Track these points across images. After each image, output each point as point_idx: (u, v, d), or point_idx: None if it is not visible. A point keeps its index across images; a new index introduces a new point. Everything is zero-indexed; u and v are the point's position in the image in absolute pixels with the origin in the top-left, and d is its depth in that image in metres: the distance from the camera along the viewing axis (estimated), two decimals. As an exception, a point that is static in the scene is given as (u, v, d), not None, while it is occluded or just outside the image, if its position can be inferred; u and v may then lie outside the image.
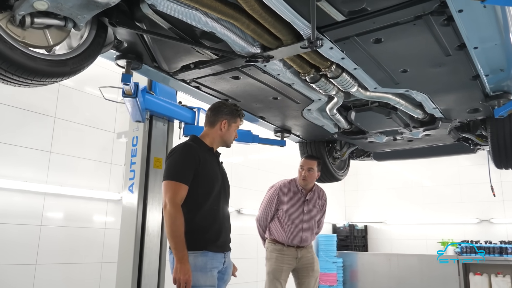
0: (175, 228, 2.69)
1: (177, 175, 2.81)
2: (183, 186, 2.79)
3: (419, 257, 9.26)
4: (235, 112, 3.11)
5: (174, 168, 2.84)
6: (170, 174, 2.82)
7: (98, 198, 5.20)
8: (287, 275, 4.50)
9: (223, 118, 3.07)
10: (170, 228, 2.70)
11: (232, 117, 3.09)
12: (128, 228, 3.80)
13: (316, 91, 3.45)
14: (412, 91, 3.37)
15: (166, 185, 2.80)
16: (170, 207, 2.72)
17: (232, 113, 3.10)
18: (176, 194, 2.76)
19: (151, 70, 3.07)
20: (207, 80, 3.25)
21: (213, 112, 3.10)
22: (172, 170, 2.84)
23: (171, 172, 2.83)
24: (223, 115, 3.07)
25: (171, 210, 2.71)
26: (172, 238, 2.69)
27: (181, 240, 2.70)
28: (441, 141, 4.79)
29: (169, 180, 2.80)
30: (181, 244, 2.69)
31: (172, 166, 2.86)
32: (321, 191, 4.83)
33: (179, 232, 2.70)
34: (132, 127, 4.02)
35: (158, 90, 4.04)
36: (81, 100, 5.29)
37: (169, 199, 2.74)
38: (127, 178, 3.91)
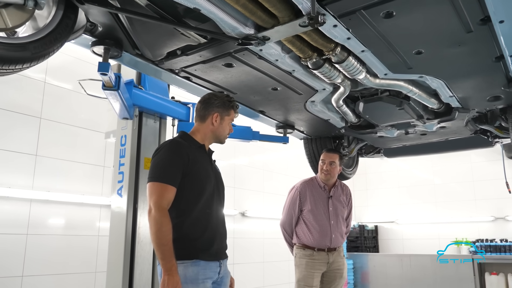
0: (161, 236, 2.38)
1: (163, 175, 2.49)
2: (170, 188, 2.47)
3: (432, 257, 8.91)
4: (228, 104, 2.78)
5: (159, 168, 2.53)
6: (155, 174, 2.51)
7: (90, 203, 4.88)
8: (318, 280, 4.18)
9: (214, 111, 2.74)
10: (156, 235, 2.39)
11: (224, 109, 2.77)
12: (117, 235, 3.47)
13: (320, 79, 3.12)
14: (427, 76, 3.02)
15: (151, 188, 2.48)
16: (155, 212, 2.41)
17: (224, 105, 2.77)
18: (162, 197, 2.44)
19: (133, 59, 2.74)
20: (198, 69, 2.92)
21: (203, 105, 2.77)
22: (157, 171, 2.52)
23: (156, 172, 2.52)
24: (214, 107, 2.74)
25: (156, 215, 2.40)
26: (158, 247, 2.38)
27: (169, 248, 2.39)
28: (457, 134, 4.43)
29: (154, 181, 2.48)
30: (169, 253, 2.38)
31: (157, 166, 2.54)
32: (344, 186, 4.52)
33: (166, 239, 2.38)
34: (120, 126, 3.70)
35: (148, 84, 3.72)
36: (70, 99, 4.96)
37: (154, 203, 2.42)
38: (115, 181, 3.59)
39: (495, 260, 8.35)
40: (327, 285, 4.21)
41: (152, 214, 2.41)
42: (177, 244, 2.48)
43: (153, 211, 2.41)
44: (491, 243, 8.62)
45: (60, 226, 4.70)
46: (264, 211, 7.83)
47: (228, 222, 6.88)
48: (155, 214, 2.40)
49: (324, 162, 4.30)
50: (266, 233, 7.77)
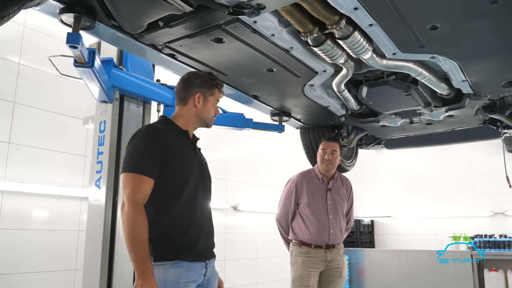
0: (135, 235, 2.06)
1: (139, 165, 2.17)
2: (146, 179, 2.15)
3: (429, 253, 8.67)
4: (210, 82, 2.44)
5: (134, 157, 2.21)
6: (130, 164, 2.19)
7: (70, 196, 4.51)
8: (316, 280, 3.88)
9: (196, 91, 2.41)
10: (129, 234, 2.07)
11: (207, 88, 2.43)
12: (95, 231, 3.15)
13: (321, 59, 2.80)
14: (439, 57, 2.72)
15: (125, 179, 2.16)
16: (128, 208, 2.09)
17: (207, 83, 2.43)
18: (137, 190, 2.12)
19: (108, 31, 2.41)
20: (183, 45, 2.59)
21: (183, 85, 2.43)
22: (132, 160, 2.20)
23: (130, 162, 2.20)
24: (195, 87, 2.41)
25: (129, 211, 2.08)
26: (131, 247, 2.07)
27: (143, 249, 2.08)
28: (465, 124, 4.13)
29: (128, 172, 2.16)
30: (143, 254, 2.07)
31: (132, 155, 2.22)
32: (344, 179, 4.22)
33: (140, 239, 2.07)
34: (99, 110, 3.36)
35: (130, 65, 3.38)
36: (48, 83, 4.59)
37: (128, 197, 2.11)
38: (93, 171, 3.26)
39: (494, 256, 8.12)
40: (325, 285, 3.92)
41: (125, 210, 2.09)
42: (155, 243, 2.20)
43: (126, 206, 2.10)
44: (490, 239, 8.40)
45: (35, 220, 4.34)
46: (257, 204, 7.52)
47: (219, 216, 6.56)
48: (128, 210, 2.08)
49: (325, 151, 3.99)
50: (259, 227, 7.47)
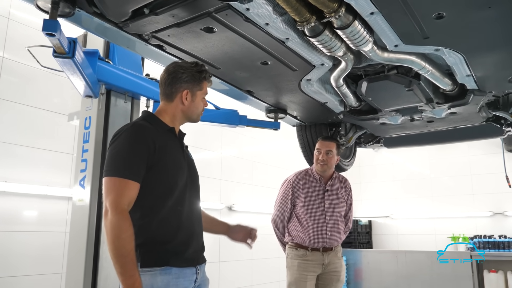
0: (120, 245, 1.88)
1: (123, 168, 1.99)
2: (131, 184, 1.97)
3: (428, 254, 8.53)
4: (198, 76, 2.24)
5: (118, 159, 2.02)
6: (113, 167, 2.00)
7: (56, 196, 4.32)
8: (313, 284, 3.72)
9: (183, 87, 2.21)
10: (113, 245, 1.88)
11: (195, 83, 2.24)
12: (79, 233, 2.98)
13: (318, 51, 2.64)
14: (444, 49, 2.55)
15: (107, 184, 1.97)
16: (112, 215, 1.90)
17: (194, 78, 2.23)
18: (121, 195, 1.94)
19: (90, 19, 2.24)
20: (172, 35, 2.42)
21: (168, 80, 2.23)
22: (115, 162, 2.02)
23: (113, 164, 2.01)
24: (182, 83, 2.21)
25: (113, 219, 1.90)
26: (116, 259, 1.88)
27: (129, 260, 1.89)
28: (468, 122, 3.97)
29: (111, 176, 1.98)
30: (130, 266, 1.89)
31: (116, 156, 2.04)
32: (343, 179, 4.06)
33: (125, 249, 1.88)
34: (85, 106, 3.19)
35: (118, 58, 3.21)
36: (33, 78, 4.40)
37: (111, 203, 1.92)
38: (78, 170, 3.09)
39: (494, 257, 7.99)
40: (322, 289, 3.76)
41: (109, 218, 1.90)
42: (143, 248, 2.02)
43: (110, 213, 1.91)
44: (490, 239, 8.29)
45: (20, 221, 4.14)
46: (253, 204, 7.35)
47: (214, 216, 6.35)
48: (112, 218, 1.90)
49: (319, 151, 3.84)
50: (256, 228, 7.29)
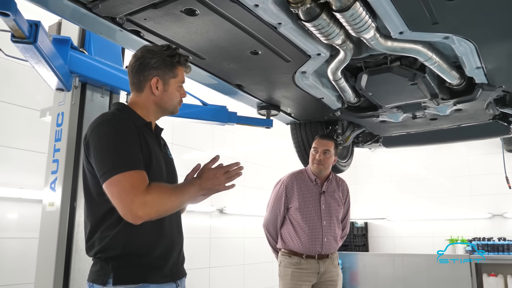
0: (171, 201, 1.76)
1: (128, 160, 1.71)
2: (142, 173, 1.72)
3: (426, 257, 8.35)
4: (169, 60, 1.93)
5: (116, 153, 1.72)
6: (112, 166, 1.69)
7: (31, 199, 3.99)
8: None
9: (152, 74, 1.91)
10: (170, 205, 1.77)
11: (166, 69, 1.93)
12: (49, 241, 2.69)
13: (314, 39, 2.37)
14: (454, 37, 2.30)
15: (120, 182, 1.67)
16: (142, 201, 1.66)
17: (165, 63, 1.92)
18: (141, 183, 1.69)
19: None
20: (149, 19, 2.14)
21: (136, 67, 1.93)
22: (116, 156, 1.71)
23: (116, 158, 1.70)
24: (150, 69, 1.90)
25: (148, 199, 1.68)
26: (180, 204, 1.82)
27: (178, 190, 1.81)
28: (473, 119, 3.72)
29: (114, 175, 1.67)
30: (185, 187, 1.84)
31: (112, 149, 1.73)
32: (340, 180, 3.81)
33: (175, 196, 1.77)
34: (57, 100, 2.90)
35: (94, 47, 2.93)
36: (5, 71, 4.08)
37: (134, 195, 1.65)
38: (48, 172, 2.80)
39: (494, 260, 7.81)
40: (318, 300, 3.49)
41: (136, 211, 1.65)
42: (117, 262, 1.75)
43: (136, 204, 1.65)
44: (489, 242, 8.13)
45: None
46: (245, 207, 7.07)
47: (204, 219, 6.05)
48: (147, 200, 1.67)
49: (316, 150, 3.57)
50: (248, 231, 7.02)
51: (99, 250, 1.77)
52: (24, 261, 3.94)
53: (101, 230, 1.77)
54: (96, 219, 1.80)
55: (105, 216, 1.75)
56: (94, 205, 1.82)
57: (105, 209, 1.74)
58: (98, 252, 1.78)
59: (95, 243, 1.79)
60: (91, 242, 1.81)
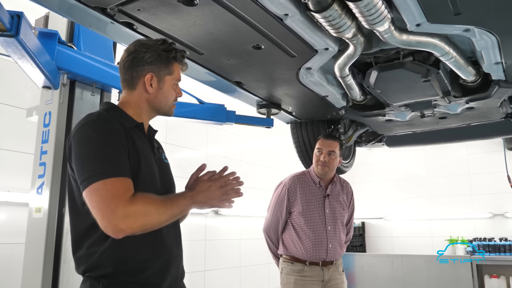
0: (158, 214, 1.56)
1: (108, 166, 1.51)
2: (127, 181, 1.53)
3: (426, 258, 8.21)
4: (165, 55, 1.75)
5: (100, 157, 1.54)
6: (99, 169, 1.51)
7: (18, 202, 3.75)
8: None
9: (145, 70, 1.73)
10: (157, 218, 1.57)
11: (161, 65, 1.75)
12: (35, 250, 2.48)
13: (323, 32, 2.17)
14: (476, 29, 2.11)
15: (100, 190, 1.48)
16: (125, 213, 1.47)
17: (161, 58, 1.75)
18: (120, 196, 1.48)
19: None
20: (142, 9, 1.94)
21: (128, 62, 1.75)
22: (98, 162, 1.53)
23: (99, 165, 1.52)
24: (144, 65, 1.73)
25: (132, 211, 1.49)
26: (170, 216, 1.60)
27: (168, 202, 1.60)
28: (484, 118, 3.54)
29: (96, 181, 1.48)
30: (175, 199, 1.64)
31: (95, 155, 1.54)
32: (344, 182, 3.63)
33: (163, 209, 1.57)
34: (44, 99, 2.69)
35: (84, 42, 2.72)
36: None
37: (116, 206, 1.46)
38: (35, 176, 2.59)
39: (496, 261, 7.69)
40: (323, 309, 3.31)
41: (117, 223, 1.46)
42: (109, 281, 1.56)
43: (117, 215, 1.46)
44: (490, 242, 8.01)
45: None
46: (241, 208, 6.87)
47: (198, 221, 5.83)
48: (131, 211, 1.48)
49: (321, 151, 3.38)
50: (244, 233, 6.83)
51: (87, 269, 1.58)
52: (12, 267, 3.74)
53: (87, 246, 1.57)
54: (81, 232, 1.60)
55: (91, 229, 1.55)
56: (78, 216, 1.62)
57: (91, 221, 1.52)
58: (86, 270, 1.59)
59: (81, 260, 1.60)
60: (77, 257, 1.62)
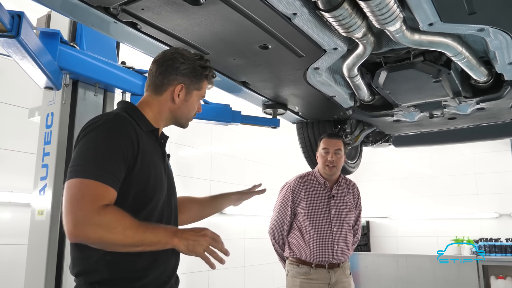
0: (123, 235, 1.43)
1: (96, 169, 1.46)
2: (108, 190, 1.46)
3: (431, 258, 8.15)
4: (200, 71, 1.76)
5: (90, 157, 1.49)
6: (81, 167, 1.46)
7: (22, 203, 3.72)
8: None
9: (178, 80, 1.73)
10: (120, 239, 1.44)
11: (194, 79, 1.76)
12: (37, 253, 2.44)
13: (332, 31, 2.11)
14: (490, 29, 2.04)
15: (71, 189, 1.42)
16: (87, 220, 1.39)
17: (195, 73, 1.75)
18: (97, 199, 1.42)
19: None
20: (146, 8, 1.88)
21: (162, 67, 1.73)
22: (85, 161, 1.48)
23: (83, 163, 1.48)
24: (178, 75, 1.73)
25: (95, 221, 1.39)
26: (137, 241, 1.46)
27: (142, 227, 1.47)
28: (495, 119, 3.47)
29: (78, 178, 1.44)
30: (154, 227, 1.51)
31: (87, 154, 1.50)
32: (350, 183, 3.58)
33: (131, 231, 1.44)
34: (47, 100, 2.65)
35: (86, 42, 2.67)
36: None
37: (80, 209, 1.39)
38: (37, 178, 2.54)
39: (502, 262, 7.61)
40: (329, 313, 3.26)
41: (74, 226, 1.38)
42: (104, 287, 1.51)
43: (77, 219, 1.38)
44: (496, 243, 7.90)
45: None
46: (246, 207, 6.81)
47: (202, 221, 5.79)
48: (97, 220, 1.40)
49: (327, 151, 3.32)
50: (248, 232, 6.79)
51: (82, 272, 1.54)
52: (16, 268, 3.70)
53: (84, 248, 1.50)
54: None
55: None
56: None
57: None
58: (80, 273, 1.54)
59: (76, 262, 1.56)
60: (73, 258, 1.58)
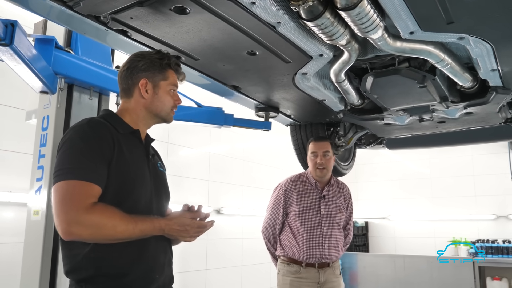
0: (113, 229, 1.55)
1: (79, 169, 1.55)
2: (93, 188, 1.55)
3: (428, 258, 8.19)
4: (158, 62, 1.83)
5: (71, 159, 1.58)
6: (64, 170, 1.56)
7: (20, 202, 3.78)
8: None
9: (140, 76, 1.81)
10: (111, 233, 1.55)
11: (155, 71, 1.83)
12: (33, 252, 2.52)
13: (316, 39, 2.18)
14: (470, 37, 2.10)
15: (61, 190, 1.53)
16: (78, 218, 1.50)
17: (154, 65, 1.83)
18: (85, 198, 1.53)
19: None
20: (135, 18, 1.95)
21: (125, 72, 1.84)
22: (67, 163, 1.58)
23: (65, 166, 1.57)
24: (139, 72, 1.81)
25: (86, 218, 1.51)
26: (128, 234, 1.58)
27: (131, 221, 1.58)
28: (484, 123, 3.53)
29: (62, 180, 1.54)
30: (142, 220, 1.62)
31: (67, 156, 1.59)
32: (342, 185, 3.64)
33: (121, 227, 1.56)
34: (43, 103, 2.72)
35: (81, 47, 2.74)
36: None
37: (71, 208, 1.50)
38: (33, 179, 2.62)
39: (498, 263, 7.65)
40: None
41: (74, 230, 1.50)
42: (91, 285, 1.58)
43: (68, 218, 1.49)
44: (493, 244, 7.94)
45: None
46: (243, 207, 6.90)
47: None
48: (84, 220, 1.50)
49: (316, 154, 3.40)
50: (246, 232, 6.85)
51: (70, 270, 1.62)
52: (15, 266, 3.77)
53: (71, 247, 1.60)
54: None
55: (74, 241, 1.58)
56: None
57: None
58: (69, 271, 1.63)
59: (65, 260, 1.64)
60: (63, 256, 1.67)
